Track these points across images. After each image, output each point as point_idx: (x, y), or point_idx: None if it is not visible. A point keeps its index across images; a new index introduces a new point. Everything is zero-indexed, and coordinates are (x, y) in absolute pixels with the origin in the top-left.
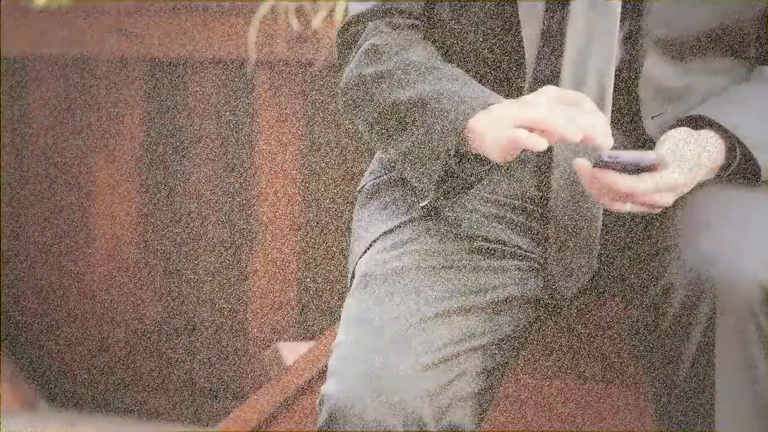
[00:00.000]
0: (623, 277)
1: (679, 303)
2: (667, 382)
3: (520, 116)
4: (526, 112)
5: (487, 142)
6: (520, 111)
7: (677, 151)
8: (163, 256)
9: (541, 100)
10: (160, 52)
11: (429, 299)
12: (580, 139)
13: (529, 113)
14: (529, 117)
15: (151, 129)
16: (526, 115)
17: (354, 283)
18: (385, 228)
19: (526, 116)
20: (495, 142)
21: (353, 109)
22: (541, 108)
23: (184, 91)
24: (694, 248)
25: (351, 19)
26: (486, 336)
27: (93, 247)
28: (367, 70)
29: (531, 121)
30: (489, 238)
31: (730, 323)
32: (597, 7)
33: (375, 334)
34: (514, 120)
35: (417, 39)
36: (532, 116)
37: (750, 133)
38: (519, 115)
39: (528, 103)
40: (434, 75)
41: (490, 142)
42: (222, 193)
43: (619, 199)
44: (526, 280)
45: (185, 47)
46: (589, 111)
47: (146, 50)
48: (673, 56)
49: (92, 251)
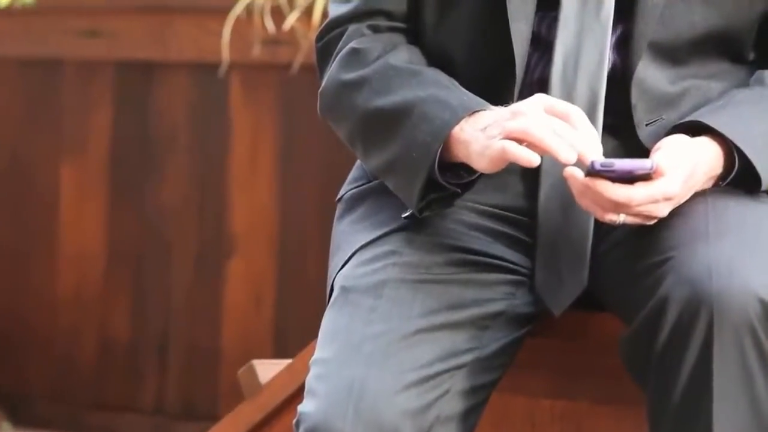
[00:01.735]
0: (616, 291)
1: (675, 318)
2: (662, 400)
3: (511, 126)
4: (518, 122)
5: (474, 152)
6: (510, 120)
7: (673, 160)
8: (132, 268)
9: (531, 110)
10: (129, 54)
11: (411, 314)
12: (574, 161)
13: (519, 124)
14: (520, 128)
15: (119, 135)
16: (517, 125)
17: (333, 297)
18: (365, 239)
19: (517, 127)
20: (482, 151)
21: (333, 116)
22: (532, 119)
23: (155, 96)
24: (691, 261)
25: (331, 22)
26: (471, 353)
27: (58, 259)
28: (348, 76)
29: (521, 132)
30: (475, 251)
31: (728, 339)
32: (588, 9)
33: (355, 351)
34: (503, 129)
35: (400, 42)
36: (524, 127)
37: (749, 139)
38: (509, 125)
39: (518, 113)
40: (417, 80)
41: (476, 152)
42: (195, 203)
43: (612, 209)
44: (513, 295)
45: (155, 49)
46: (580, 125)
47: (114, 52)
48: (668, 60)
49: (57, 263)
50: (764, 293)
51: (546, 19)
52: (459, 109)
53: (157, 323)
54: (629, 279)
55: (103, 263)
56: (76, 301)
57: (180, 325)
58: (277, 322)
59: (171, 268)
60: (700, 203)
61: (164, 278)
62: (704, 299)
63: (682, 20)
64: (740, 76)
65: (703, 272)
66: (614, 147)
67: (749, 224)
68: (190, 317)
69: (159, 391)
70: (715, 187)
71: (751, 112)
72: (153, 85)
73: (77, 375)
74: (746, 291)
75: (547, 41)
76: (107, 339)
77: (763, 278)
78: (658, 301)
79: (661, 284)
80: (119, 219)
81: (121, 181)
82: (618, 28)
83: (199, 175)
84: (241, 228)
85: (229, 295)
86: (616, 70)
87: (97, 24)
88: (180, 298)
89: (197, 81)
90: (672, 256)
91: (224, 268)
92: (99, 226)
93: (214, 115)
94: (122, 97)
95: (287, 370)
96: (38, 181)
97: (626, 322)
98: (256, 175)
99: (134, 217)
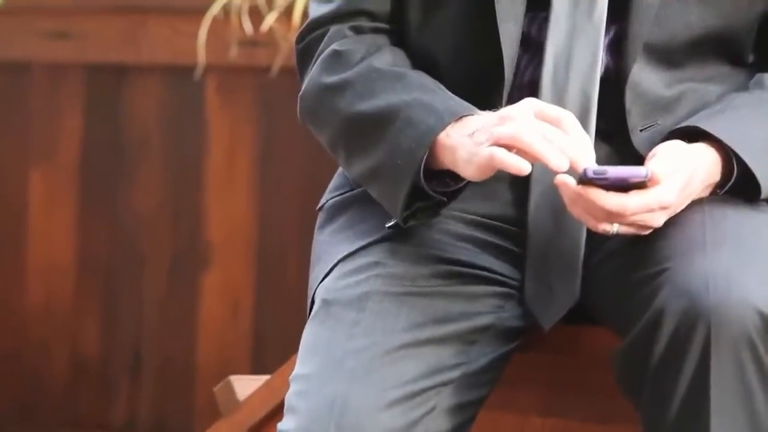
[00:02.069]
0: (609, 304)
1: (671, 331)
2: (658, 417)
3: (499, 132)
4: (507, 127)
5: (460, 158)
6: (498, 126)
7: (669, 167)
8: (103, 279)
9: (521, 115)
10: (100, 56)
11: (396, 328)
12: (566, 168)
13: (508, 129)
14: (509, 133)
15: (90, 140)
16: (506, 131)
17: (314, 310)
18: (348, 250)
19: (506, 133)
20: (469, 158)
21: (314, 121)
22: (521, 124)
23: (127, 100)
24: (687, 272)
25: (311, 22)
26: (458, 369)
27: (26, 270)
28: (329, 79)
29: (510, 138)
30: (461, 262)
31: (726, 353)
32: (580, 9)
33: (336, 367)
34: (492, 135)
35: (383, 44)
36: (513, 133)
37: (748, 146)
38: (498, 130)
39: (507, 117)
40: (402, 84)
41: (463, 158)
42: (169, 211)
43: (605, 219)
44: (502, 308)
45: (127, 51)
46: (572, 131)
47: (85, 54)
48: (664, 63)
49: (25, 274)
50: (763, 305)
51: (536, 19)
52: (445, 113)
53: (130, 337)
54: (623, 291)
55: (73, 274)
56: (45, 314)
57: (153, 339)
58: (255, 336)
59: (144, 278)
60: (697, 212)
61: (137, 289)
62: (701, 312)
63: (678, 21)
64: (739, 79)
65: (700, 284)
66: (607, 153)
67: (748, 234)
68: (164, 330)
69: (132, 409)
70: (712, 195)
71: (751, 116)
72: (125, 89)
73: (47, 392)
74: (745, 303)
75: (538, 42)
76: (78, 354)
77: (762, 290)
78: (653, 314)
79: (656, 296)
80: (90, 228)
81: (92, 189)
82: (611, 29)
83: (173, 181)
84: (217, 237)
85: (205, 307)
86: (609, 73)
87: (66, 25)
88: (153, 310)
89: (171, 84)
90: (668, 267)
91: (200, 279)
92: (69, 236)
93: (190, 119)
94: (93, 101)
95: (266, 387)
96: (5, 189)
97: (620, 335)
98: (234, 182)
99: (106, 226)
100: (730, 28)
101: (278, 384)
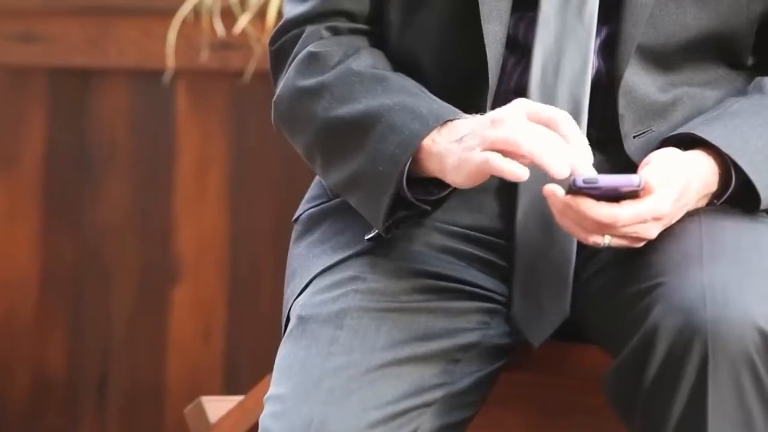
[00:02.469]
0: (600, 320)
1: (666, 350)
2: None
3: (493, 136)
4: (501, 131)
5: (449, 166)
6: (490, 129)
7: (663, 175)
8: (68, 296)
9: (513, 118)
10: (65, 60)
11: (375, 347)
12: (567, 174)
13: (502, 133)
14: (504, 137)
15: (54, 148)
16: (500, 135)
17: (289, 327)
18: (325, 264)
19: (500, 136)
20: (459, 165)
21: (289, 126)
22: (517, 127)
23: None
24: (683, 287)
25: (286, 23)
26: (441, 389)
27: None
28: (306, 82)
29: (505, 142)
30: (445, 276)
31: (724, 373)
32: (570, 9)
33: (313, 387)
34: (483, 140)
35: (362, 46)
36: (508, 137)
37: (746, 154)
38: (491, 134)
39: (500, 121)
40: (383, 87)
41: (452, 166)
42: (137, 223)
43: (596, 231)
44: (488, 325)
45: (93, 54)
46: (570, 134)
47: (49, 57)
48: (658, 66)
49: None
50: (763, 322)
51: (523, 20)
52: (429, 117)
53: (96, 356)
54: (615, 307)
55: (35, 289)
56: (6, 333)
57: (121, 358)
58: (227, 354)
59: (111, 295)
60: (693, 223)
61: (103, 305)
62: (697, 329)
63: (673, 21)
64: (737, 84)
65: (696, 299)
66: (599, 161)
67: (747, 247)
68: (131, 348)
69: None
70: (709, 205)
71: (750, 123)
72: (91, 94)
73: (8, 414)
74: (744, 320)
75: (525, 45)
76: (41, 374)
77: (762, 306)
78: (646, 332)
79: (650, 313)
80: (53, 240)
81: (56, 199)
82: (603, 30)
83: (141, 191)
84: (188, 251)
85: (175, 323)
86: (600, 77)
87: (29, 27)
88: (121, 328)
89: (139, 89)
90: (662, 282)
91: (170, 294)
92: (31, 248)
93: (159, 126)
94: (57, 106)
95: (239, 408)
96: None
97: (612, 354)
98: (205, 192)
99: (70, 238)
100: (728, 29)
101: (252, 405)
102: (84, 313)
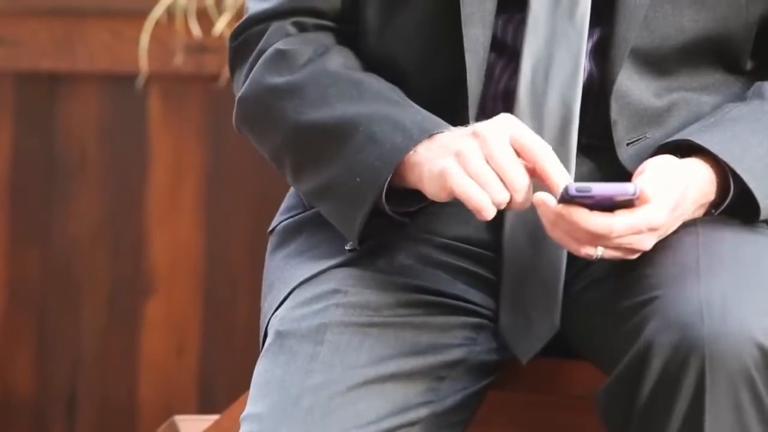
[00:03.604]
0: (592, 336)
1: (661, 367)
2: None
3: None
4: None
5: (425, 176)
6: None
7: (659, 184)
8: (35, 312)
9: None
10: (32, 64)
11: (357, 363)
12: (489, 218)
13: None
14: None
15: (20, 158)
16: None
17: (267, 343)
18: (304, 276)
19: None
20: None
21: (255, 126)
22: (472, 154)
23: (61, 112)
24: (679, 301)
25: (250, 18)
26: (426, 407)
27: None
28: (275, 80)
29: (459, 155)
30: (430, 290)
31: (722, 390)
32: (560, 10)
33: (292, 406)
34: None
35: (330, 44)
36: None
37: (745, 162)
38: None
39: (479, 134)
40: (358, 91)
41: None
42: (107, 236)
43: (589, 242)
44: (475, 340)
45: (62, 58)
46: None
47: (15, 61)
48: (653, 70)
49: None
50: (763, 338)
51: (512, 22)
52: (414, 131)
53: (65, 373)
54: (608, 322)
55: (1, 304)
56: None
57: (91, 376)
58: (202, 372)
59: (80, 310)
60: (690, 234)
61: (73, 321)
62: (694, 345)
63: (669, 24)
64: (736, 89)
65: (693, 314)
66: (591, 169)
67: (745, 259)
68: (102, 366)
69: None
70: (706, 215)
71: (749, 130)
72: (59, 100)
73: None
74: (742, 335)
75: (513, 48)
76: (7, 393)
77: (761, 320)
78: (641, 348)
79: (644, 328)
80: (20, 253)
81: (23, 210)
82: (595, 33)
83: (112, 202)
84: (160, 265)
85: (148, 340)
86: (592, 81)
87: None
88: (91, 344)
89: (110, 94)
90: (657, 296)
91: (142, 310)
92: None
93: (131, 133)
94: (24, 113)
95: (214, 427)
96: None
97: (604, 371)
98: (179, 203)
99: (38, 252)
100: (726, 31)
101: (228, 425)
102: (52, 329)
